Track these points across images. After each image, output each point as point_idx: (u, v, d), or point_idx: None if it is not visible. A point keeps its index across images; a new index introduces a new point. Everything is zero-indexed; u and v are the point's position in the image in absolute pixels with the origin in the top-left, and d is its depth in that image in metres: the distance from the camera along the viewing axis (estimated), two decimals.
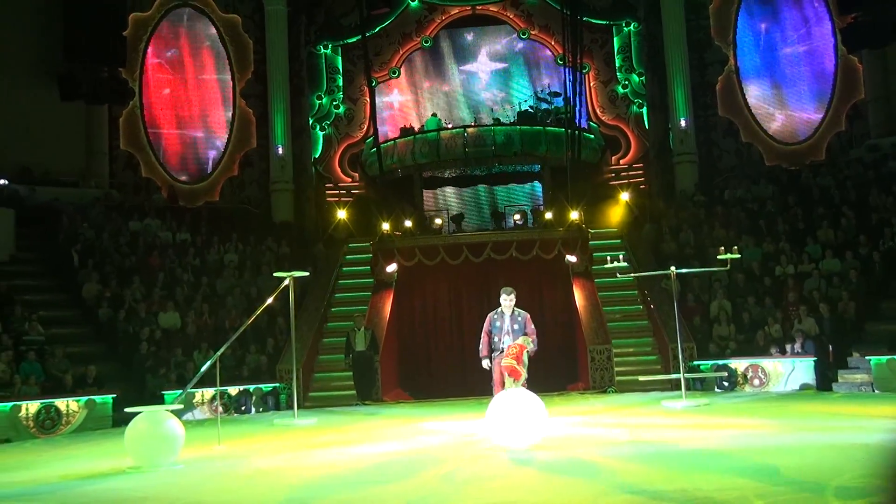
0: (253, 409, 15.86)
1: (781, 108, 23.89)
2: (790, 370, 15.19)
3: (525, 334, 9.76)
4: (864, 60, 22.34)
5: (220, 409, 13.75)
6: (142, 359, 16.15)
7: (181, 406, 10.11)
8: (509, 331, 9.87)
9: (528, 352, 9.53)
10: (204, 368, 10.01)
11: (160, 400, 14.31)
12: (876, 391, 13.70)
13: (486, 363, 10.14)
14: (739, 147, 24.22)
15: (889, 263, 16.68)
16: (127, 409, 8.77)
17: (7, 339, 14.98)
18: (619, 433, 9.38)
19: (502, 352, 9.71)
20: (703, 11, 24.63)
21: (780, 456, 7.09)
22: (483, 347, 10.14)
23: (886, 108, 21.88)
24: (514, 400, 8.00)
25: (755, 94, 24.16)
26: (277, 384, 16.25)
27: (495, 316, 10.10)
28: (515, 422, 7.87)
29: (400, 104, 26.63)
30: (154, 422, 8.19)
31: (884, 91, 21.93)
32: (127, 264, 18.84)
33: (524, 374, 9.28)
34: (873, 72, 22.20)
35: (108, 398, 14.49)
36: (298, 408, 13.18)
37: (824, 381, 14.78)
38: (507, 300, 10.00)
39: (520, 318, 9.97)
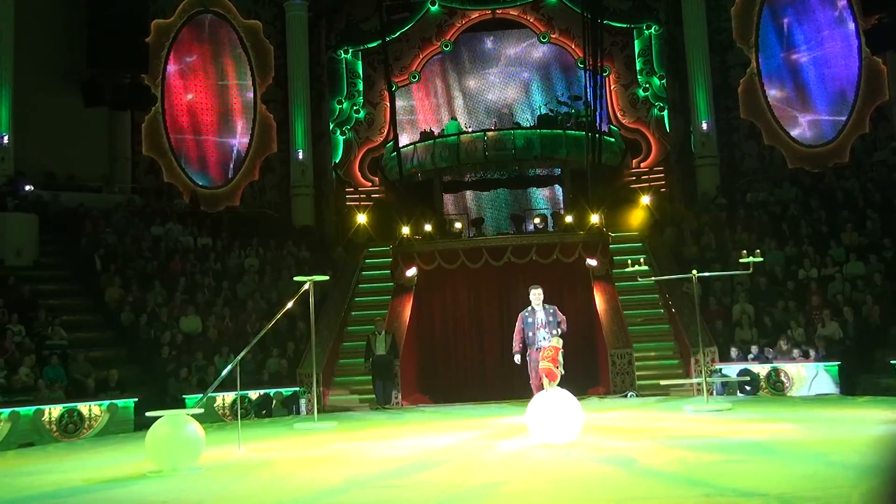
0: (273, 413, 15.89)
1: (804, 110, 23.67)
2: (814, 374, 15.04)
3: (559, 323, 10.71)
4: (889, 62, 22.07)
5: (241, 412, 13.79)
6: (163, 363, 16.24)
7: (202, 410, 10.14)
8: (543, 324, 10.76)
9: (562, 352, 10.19)
10: (224, 372, 10.04)
11: (181, 404, 14.39)
12: None
13: (517, 358, 10.99)
14: (762, 150, 24.03)
15: None
16: (148, 413, 8.80)
17: (30, 343, 15.12)
18: (640, 435, 9.32)
19: (538, 349, 10.49)
20: (724, 14, 24.47)
21: (805, 461, 7.02)
22: (515, 345, 10.99)
23: None
24: (552, 400, 8.65)
25: (777, 96, 23.96)
26: (298, 388, 16.28)
27: (526, 314, 10.98)
28: (554, 420, 8.52)
29: (420, 108, 26.65)
30: (175, 426, 8.22)
31: None
32: (149, 269, 18.97)
33: (560, 374, 9.95)
34: None
35: (130, 402, 14.59)
36: (319, 411, 13.20)
37: (849, 386, 14.61)
38: (535, 295, 10.92)
39: (551, 311, 10.88)
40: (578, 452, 7.96)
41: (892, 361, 14.03)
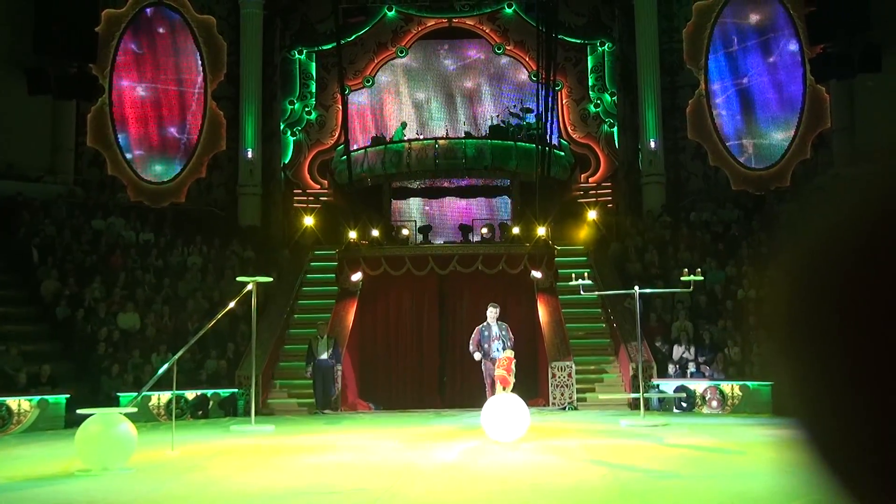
0: (210, 415, 15.65)
1: (749, 133, 24.18)
2: (748, 393, 15.31)
3: (510, 339, 12.64)
4: (832, 91, 22.66)
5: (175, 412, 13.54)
6: (98, 359, 15.88)
7: (136, 409, 9.96)
8: (497, 337, 12.54)
9: (514, 362, 12.10)
10: (161, 371, 9.89)
11: (115, 402, 14.09)
12: None
13: (476, 356, 12.70)
14: (707, 170, 24.45)
15: None
16: (79, 411, 8.60)
17: None
18: (575, 450, 9.38)
19: (493, 359, 12.30)
20: (676, 35, 24.87)
21: (735, 480, 7.13)
22: (472, 345, 12.74)
23: (851, 139, 22.19)
24: (503, 403, 10.04)
25: (724, 118, 24.43)
26: (236, 390, 16.07)
27: (483, 328, 12.69)
28: (505, 420, 9.70)
29: (372, 113, 26.58)
30: (106, 424, 8.05)
31: (849, 122, 22.23)
32: (88, 263, 18.56)
33: (512, 381, 11.88)
34: (840, 102, 22.52)
35: (62, 398, 14.21)
36: (256, 414, 13.05)
37: (781, 405, 14.88)
38: (492, 312, 12.74)
39: (504, 327, 12.73)
40: (517, 458, 7.99)
41: None
